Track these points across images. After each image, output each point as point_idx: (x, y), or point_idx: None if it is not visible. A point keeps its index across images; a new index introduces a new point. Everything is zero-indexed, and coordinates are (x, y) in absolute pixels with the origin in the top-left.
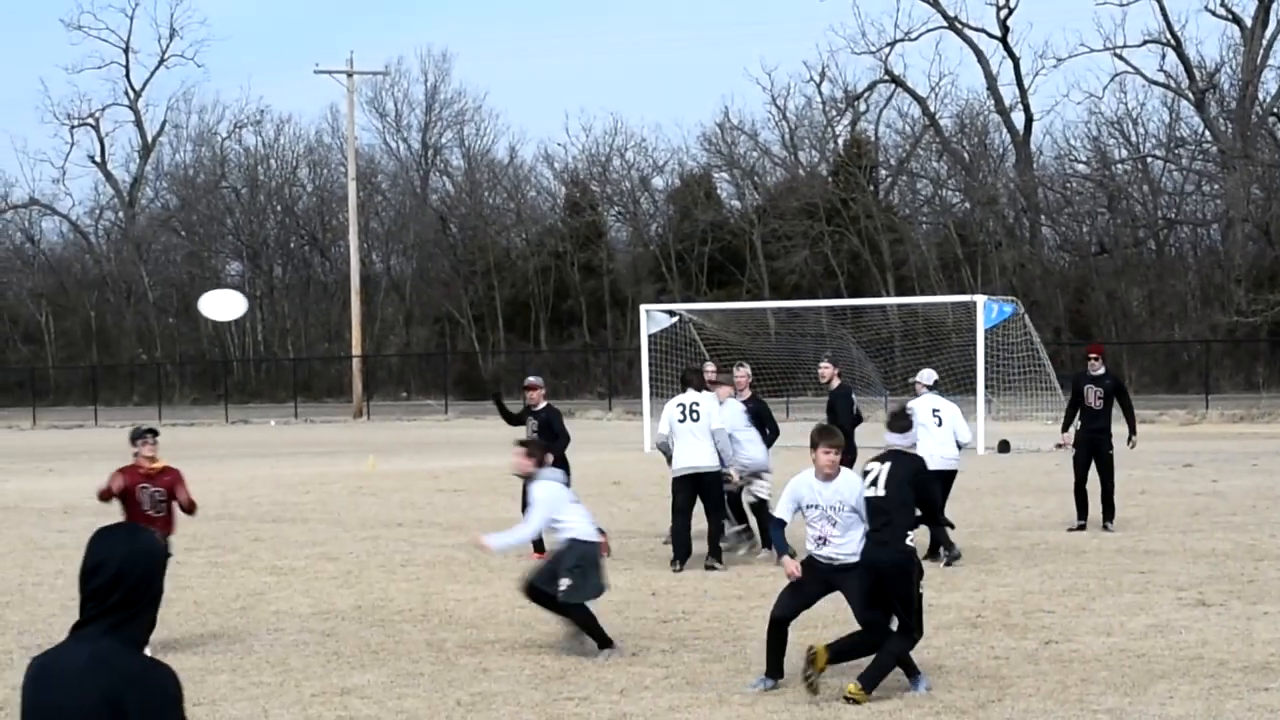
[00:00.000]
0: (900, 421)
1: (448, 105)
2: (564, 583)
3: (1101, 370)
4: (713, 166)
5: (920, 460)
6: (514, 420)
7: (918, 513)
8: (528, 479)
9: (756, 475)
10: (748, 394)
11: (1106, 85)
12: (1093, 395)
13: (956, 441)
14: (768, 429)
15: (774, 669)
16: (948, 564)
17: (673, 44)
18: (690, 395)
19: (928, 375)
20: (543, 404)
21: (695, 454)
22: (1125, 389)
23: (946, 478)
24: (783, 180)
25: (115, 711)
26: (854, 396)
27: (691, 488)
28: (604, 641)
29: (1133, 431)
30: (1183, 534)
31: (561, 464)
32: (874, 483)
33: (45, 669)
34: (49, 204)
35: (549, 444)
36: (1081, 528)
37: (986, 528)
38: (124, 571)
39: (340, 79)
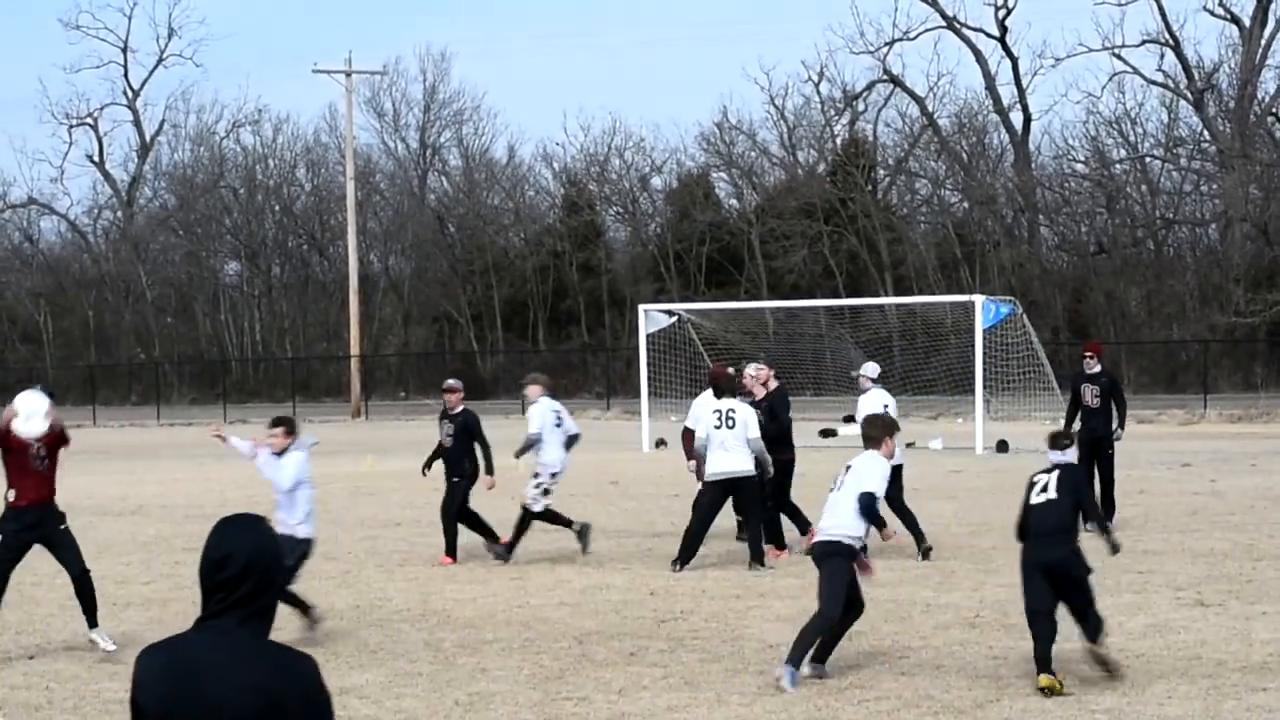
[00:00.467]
0: (1063, 440)
1: (446, 105)
2: None
3: (1098, 369)
4: (711, 166)
5: (1082, 469)
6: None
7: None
8: (282, 452)
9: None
10: (762, 393)
11: (1105, 85)
12: (1090, 394)
13: None
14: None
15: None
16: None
17: (671, 43)
18: (726, 401)
19: (872, 369)
20: (460, 408)
21: (730, 460)
22: (1119, 386)
23: (896, 473)
24: (781, 180)
25: (272, 701)
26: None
27: (721, 493)
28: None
29: (1120, 425)
30: (1181, 534)
31: (471, 471)
32: (1044, 489)
33: (179, 660)
34: (47, 203)
35: (469, 450)
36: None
37: (985, 527)
38: (252, 563)
39: (338, 79)
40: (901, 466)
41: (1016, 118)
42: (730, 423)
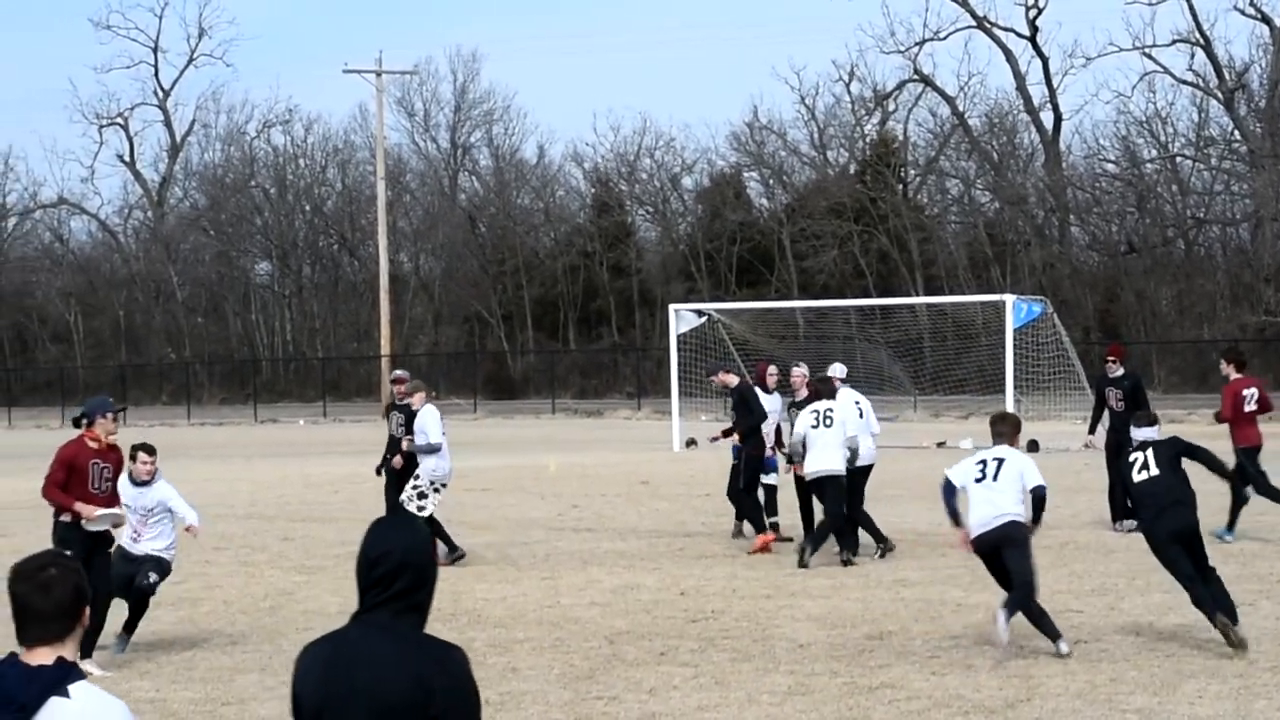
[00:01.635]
0: (1148, 418)
1: (476, 105)
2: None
3: (1120, 371)
4: (742, 166)
5: (1179, 439)
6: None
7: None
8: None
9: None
10: (805, 393)
11: (1135, 85)
12: (1113, 397)
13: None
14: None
15: None
16: (846, 563)
17: (701, 43)
18: (824, 402)
19: (840, 369)
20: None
21: (826, 459)
22: (1142, 388)
23: (866, 472)
24: (812, 180)
25: (425, 693)
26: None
27: (818, 490)
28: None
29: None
30: (1211, 533)
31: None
32: (1144, 467)
33: (338, 653)
34: (78, 203)
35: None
36: (1118, 530)
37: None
38: (407, 560)
39: (369, 78)
40: (872, 466)
41: (1047, 117)
42: (829, 422)
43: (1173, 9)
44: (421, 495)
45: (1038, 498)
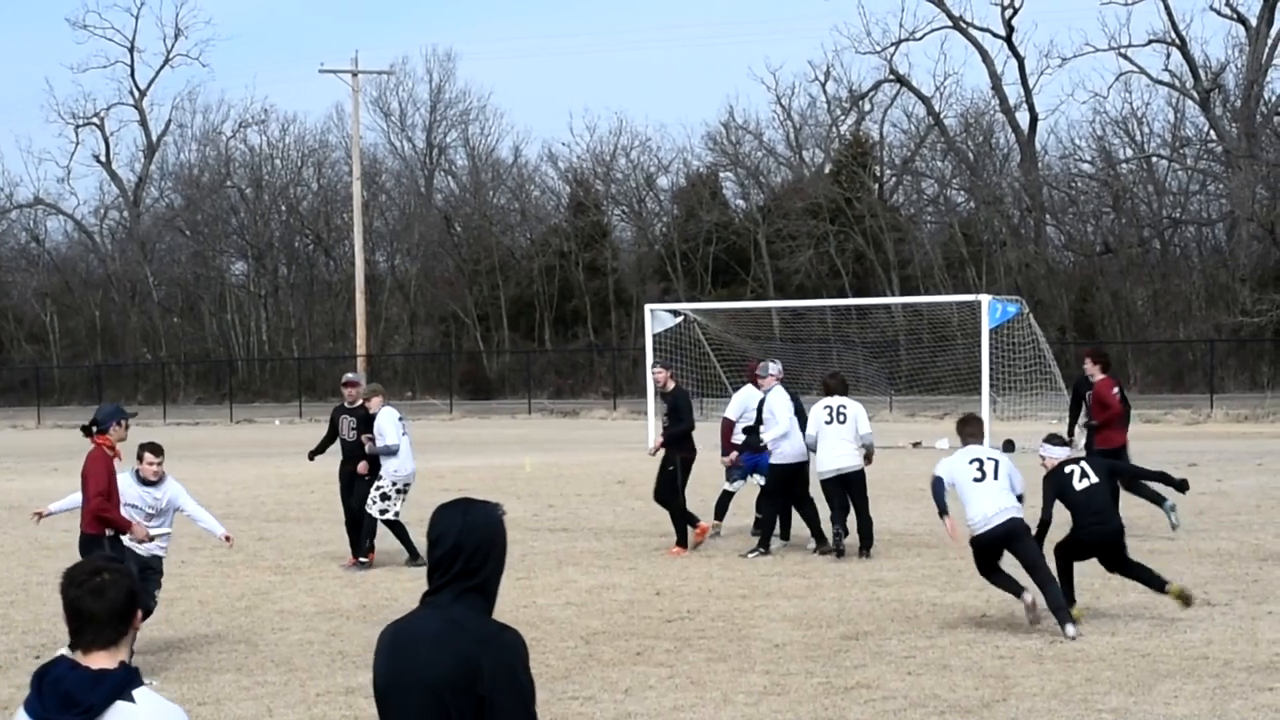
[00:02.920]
0: (1060, 439)
1: (452, 105)
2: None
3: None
4: (717, 166)
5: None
6: (329, 437)
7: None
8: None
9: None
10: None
11: (1111, 85)
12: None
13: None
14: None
15: None
16: (828, 553)
17: (677, 43)
18: (836, 399)
19: (776, 367)
20: (360, 401)
21: (842, 455)
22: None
23: (803, 468)
24: (787, 180)
25: (471, 672)
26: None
27: (842, 487)
28: None
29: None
30: (1187, 534)
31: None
32: (1084, 475)
33: (399, 635)
34: (54, 203)
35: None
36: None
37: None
38: (461, 543)
39: (345, 78)
40: (806, 463)
41: (1023, 117)
42: (841, 418)
43: (1148, 9)
44: (385, 497)
45: (1019, 497)
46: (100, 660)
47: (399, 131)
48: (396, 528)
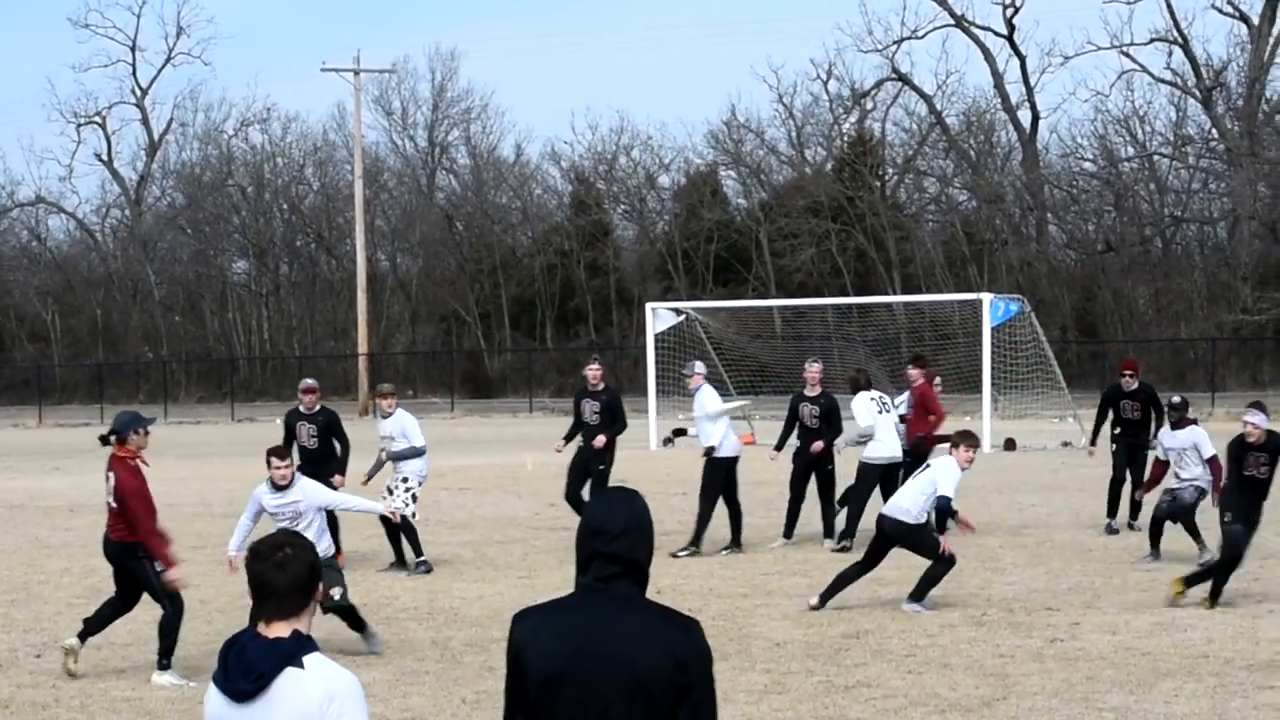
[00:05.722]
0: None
1: (454, 103)
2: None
3: (1135, 385)
4: (719, 164)
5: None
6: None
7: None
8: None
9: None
10: (818, 390)
11: (1113, 83)
12: (1129, 409)
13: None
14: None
15: None
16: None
17: (679, 42)
18: (874, 392)
19: (701, 366)
20: (318, 407)
21: (894, 445)
22: (1156, 397)
23: (733, 463)
24: (789, 178)
25: (677, 661)
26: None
27: (883, 476)
28: None
29: (1155, 434)
30: (1183, 536)
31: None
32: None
33: (581, 622)
34: (55, 202)
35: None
36: (1113, 530)
37: (992, 525)
38: (630, 529)
39: (347, 77)
40: (737, 459)
41: (1025, 116)
42: (887, 409)
43: (1151, 8)
44: (415, 498)
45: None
46: (279, 630)
47: (401, 130)
48: (410, 530)
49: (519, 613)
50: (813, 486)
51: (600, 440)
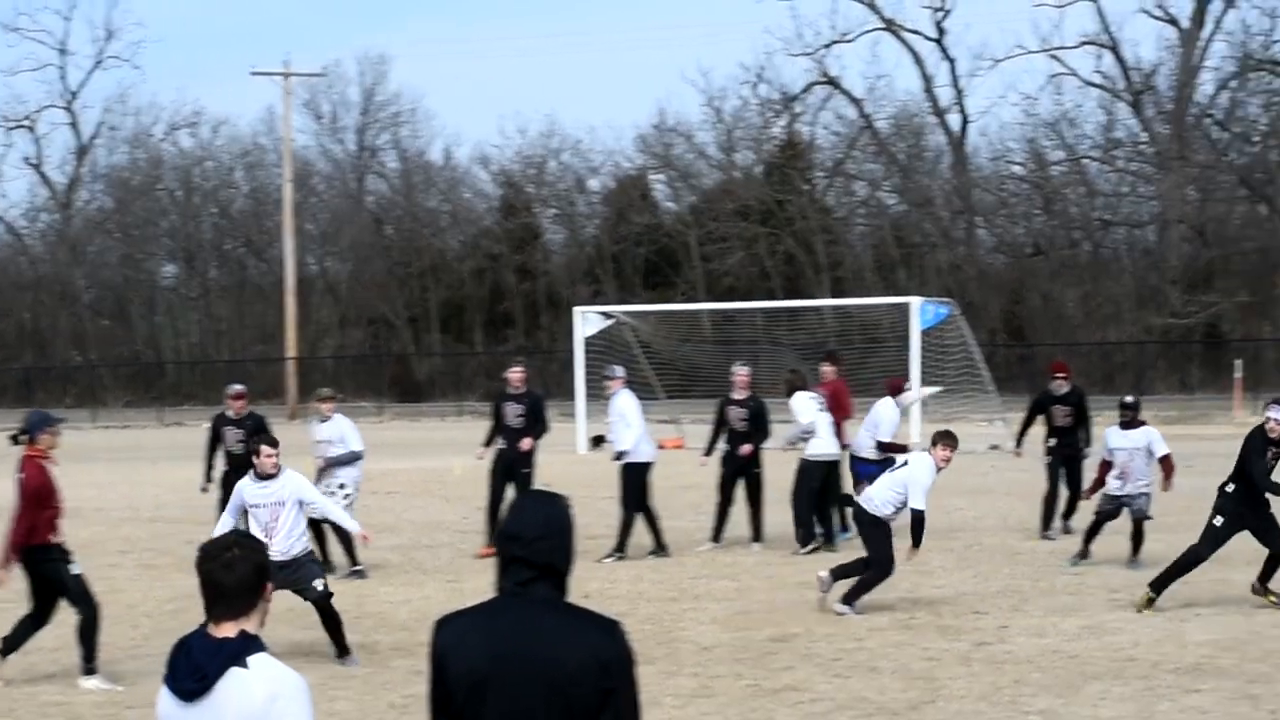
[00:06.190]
0: None
1: (384, 107)
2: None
3: (1067, 389)
4: (648, 168)
5: None
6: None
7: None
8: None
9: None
10: (747, 393)
11: (1043, 87)
12: (1060, 414)
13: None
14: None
15: None
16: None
17: (608, 46)
18: (810, 392)
19: (621, 370)
20: (247, 411)
21: (834, 443)
22: (1086, 403)
23: (646, 469)
24: (718, 182)
25: (600, 664)
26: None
27: (828, 473)
28: None
29: (1087, 442)
30: (1117, 536)
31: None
32: None
33: (503, 626)
34: None
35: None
36: (1048, 539)
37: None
38: (549, 533)
39: (277, 81)
40: (649, 465)
41: (954, 119)
42: (824, 408)
43: (1081, 11)
44: (351, 505)
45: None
46: (226, 630)
47: (330, 134)
48: (346, 536)
49: (441, 619)
50: (742, 490)
51: (527, 443)
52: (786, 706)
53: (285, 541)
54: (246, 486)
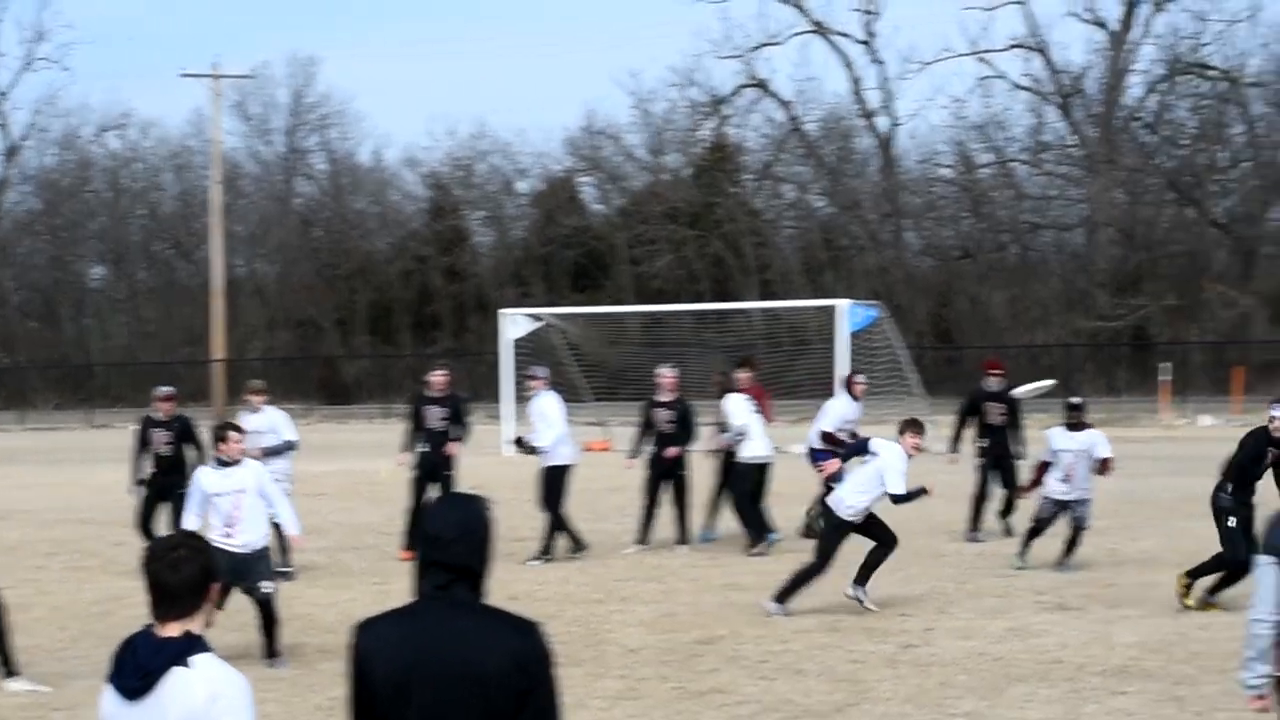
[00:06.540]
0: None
1: (313, 109)
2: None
3: (1001, 386)
4: (577, 170)
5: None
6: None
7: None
8: None
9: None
10: (674, 395)
11: (971, 90)
12: (995, 412)
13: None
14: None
15: None
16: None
17: (538, 48)
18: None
19: (544, 370)
20: (175, 414)
21: (768, 444)
22: (1019, 402)
23: (565, 471)
24: (647, 184)
25: (518, 665)
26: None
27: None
28: None
29: (1019, 444)
30: (1043, 538)
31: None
32: None
33: (421, 629)
34: None
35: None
36: (976, 540)
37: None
38: (467, 535)
39: (206, 83)
40: (569, 467)
41: (882, 122)
42: (758, 410)
43: (1010, 14)
44: (289, 497)
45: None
46: (171, 630)
47: (259, 136)
48: (282, 537)
49: (362, 622)
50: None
51: (453, 447)
52: (712, 709)
53: (248, 533)
54: (207, 475)
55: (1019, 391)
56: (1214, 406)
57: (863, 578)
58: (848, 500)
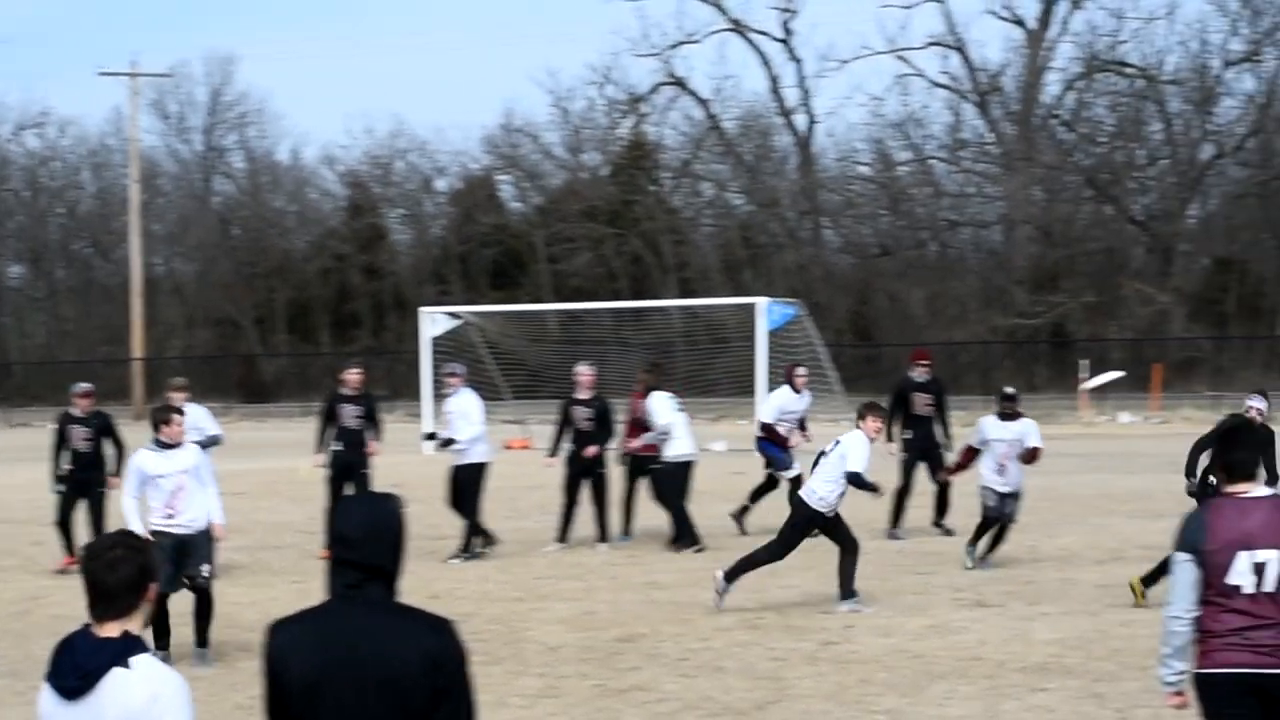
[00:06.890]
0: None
1: (231, 108)
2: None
3: (929, 377)
4: (495, 169)
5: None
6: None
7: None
8: None
9: None
10: (592, 393)
11: (890, 88)
12: (922, 403)
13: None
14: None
15: None
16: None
17: (456, 46)
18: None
19: (462, 368)
20: (95, 410)
21: (692, 443)
22: (946, 395)
23: (481, 469)
24: (565, 183)
25: (432, 663)
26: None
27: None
28: None
29: (947, 434)
30: (962, 536)
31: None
32: None
33: (334, 628)
34: None
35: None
36: (895, 538)
37: (767, 530)
38: (378, 534)
39: (124, 81)
40: (484, 466)
41: (801, 120)
42: (682, 409)
43: (928, 12)
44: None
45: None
46: (110, 630)
47: (177, 134)
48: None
49: (275, 623)
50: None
51: (374, 446)
52: (633, 707)
53: (190, 513)
54: (147, 458)
55: (1090, 384)
56: (1132, 404)
57: (847, 593)
58: (819, 491)
